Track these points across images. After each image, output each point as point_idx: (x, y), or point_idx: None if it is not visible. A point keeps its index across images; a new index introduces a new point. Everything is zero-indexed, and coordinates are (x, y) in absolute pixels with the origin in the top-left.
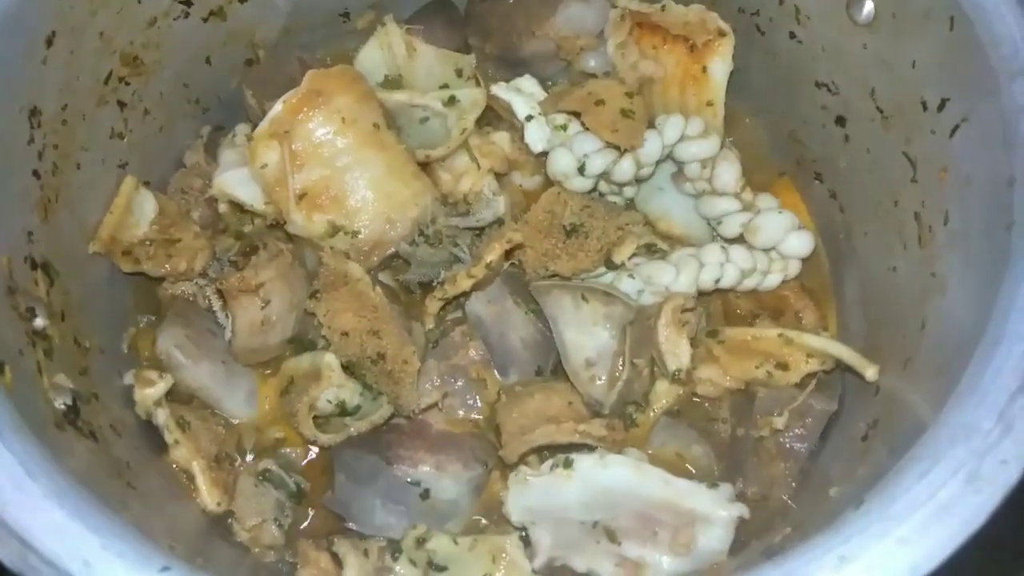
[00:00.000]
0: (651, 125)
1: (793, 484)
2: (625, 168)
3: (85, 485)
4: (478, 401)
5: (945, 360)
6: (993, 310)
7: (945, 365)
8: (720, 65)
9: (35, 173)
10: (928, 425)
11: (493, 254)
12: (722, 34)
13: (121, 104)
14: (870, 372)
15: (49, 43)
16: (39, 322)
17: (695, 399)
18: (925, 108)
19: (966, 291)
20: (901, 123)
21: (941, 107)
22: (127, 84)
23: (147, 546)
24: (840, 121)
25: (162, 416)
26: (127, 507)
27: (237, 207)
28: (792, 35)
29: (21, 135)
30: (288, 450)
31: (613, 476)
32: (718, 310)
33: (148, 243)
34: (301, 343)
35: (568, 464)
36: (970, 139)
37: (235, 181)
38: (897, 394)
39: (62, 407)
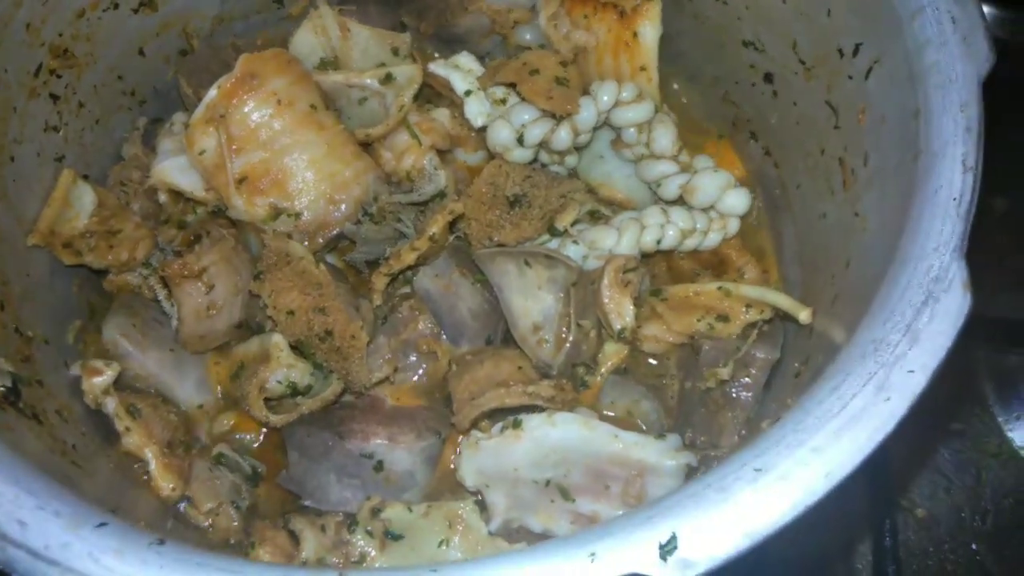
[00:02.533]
0: (587, 93)
1: (742, 431)
2: (563, 136)
3: (23, 455)
4: (428, 374)
5: (864, 291)
6: (902, 236)
7: (863, 295)
8: (650, 29)
9: None
10: (844, 343)
11: (436, 226)
12: None
13: (54, 97)
14: (803, 315)
15: None
16: None
17: (643, 357)
18: (842, 55)
19: (882, 224)
20: (822, 72)
21: (855, 52)
22: (59, 77)
23: (84, 504)
24: (768, 78)
25: (111, 404)
26: (73, 483)
27: (178, 196)
28: None
29: None
30: (242, 435)
31: (562, 433)
32: (663, 271)
33: (89, 235)
34: (249, 327)
35: (517, 424)
36: (882, 79)
37: (174, 169)
38: (826, 331)
39: (1, 388)
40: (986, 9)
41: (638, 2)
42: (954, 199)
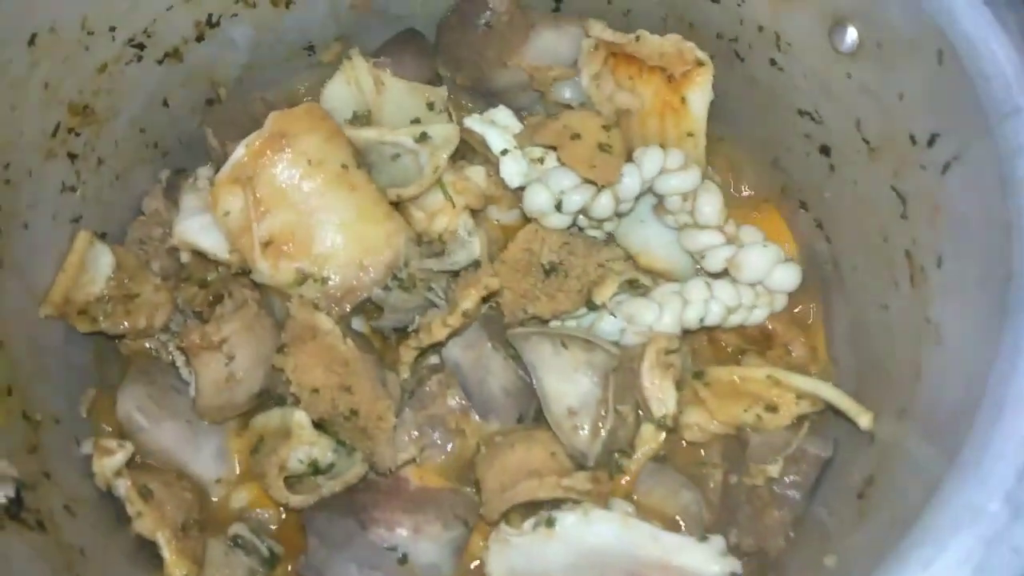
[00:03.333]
0: (630, 157)
1: (790, 534)
2: (604, 204)
3: None
4: (456, 452)
5: (943, 420)
6: (992, 372)
7: (944, 427)
8: (700, 95)
9: None
10: (930, 500)
11: (470, 301)
12: (700, 64)
13: (72, 156)
14: (864, 420)
15: None
16: None
17: (683, 443)
18: (914, 142)
19: (963, 344)
20: (889, 156)
21: (931, 142)
22: (77, 135)
23: None
24: (824, 150)
25: (123, 487)
26: None
27: (200, 255)
28: (773, 62)
29: None
30: (259, 511)
31: (598, 534)
32: (703, 345)
33: (105, 300)
34: (270, 396)
35: (551, 523)
36: (964, 178)
37: (197, 229)
38: (894, 448)
39: (2, 501)
40: None
41: (688, 67)
42: None
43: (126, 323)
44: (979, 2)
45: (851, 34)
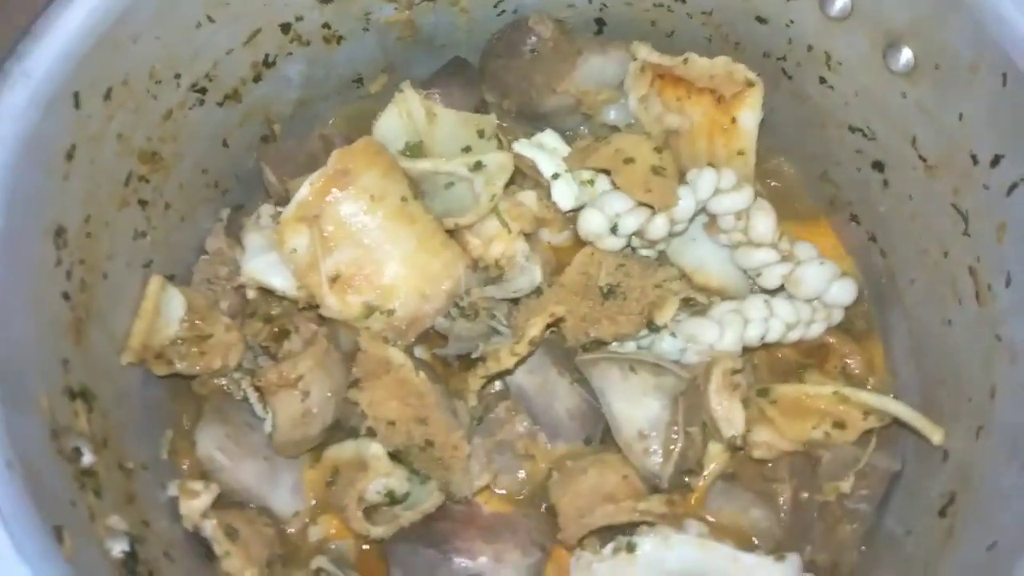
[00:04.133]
0: (680, 176)
1: (862, 548)
2: (659, 226)
3: None
4: (526, 477)
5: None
6: None
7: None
8: (750, 115)
9: (64, 295)
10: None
11: (536, 329)
12: (751, 84)
13: (142, 203)
14: (936, 436)
15: (70, 157)
16: (87, 459)
17: (751, 460)
18: (976, 162)
19: None
20: (948, 174)
21: (995, 163)
22: (147, 182)
23: None
24: (877, 166)
25: (209, 528)
26: None
27: (266, 292)
28: (823, 80)
29: (48, 259)
30: (339, 543)
31: (679, 557)
32: (763, 361)
33: (180, 342)
34: (341, 428)
35: (631, 548)
36: None
37: (265, 267)
38: (974, 468)
39: (120, 555)
40: None
41: (738, 88)
42: None
43: (201, 364)
44: None
45: (906, 54)
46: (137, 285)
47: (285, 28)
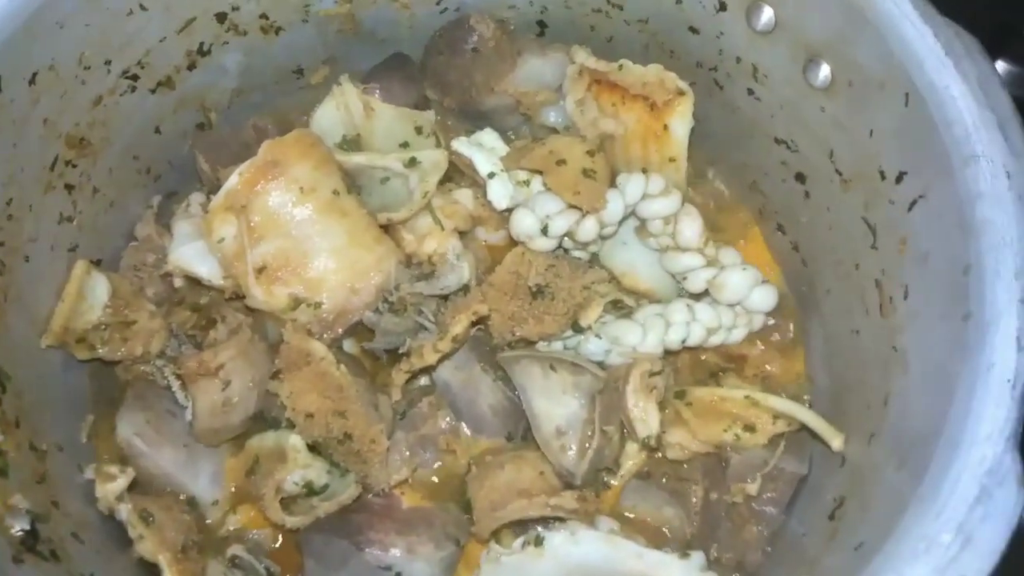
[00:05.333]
0: (614, 179)
1: (767, 548)
2: (588, 228)
3: None
4: (446, 471)
5: (908, 449)
6: (951, 408)
7: (909, 455)
8: (681, 123)
9: None
10: (893, 529)
11: (460, 326)
12: (681, 93)
13: (69, 187)
14: (836, 442)
15: None
16: None
17: (665, 460)
18: (883, 177)
19: (925, 376)
20: (860, 188)
21: (899, 179)
22: (74, 167)
23: None
24: (800, 178)
25: (124, 512)
26: None
27: (194, 280)
28: (750, 92)
29: None
30: (256, 532)
31: (585, 552)
32: (685, 363)
33: (103, 327)
34: (264, 418)
35: (539, 542)
36: (928, 217)
37: (192, 255)
38: (863, 472)
39: (19, 534)
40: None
41: (669, 96)
42: (1008, 380)
43: (123, 349)
44: (942, 53)
45: (824, 70)
46: (62, 269)
47: (221, 17)
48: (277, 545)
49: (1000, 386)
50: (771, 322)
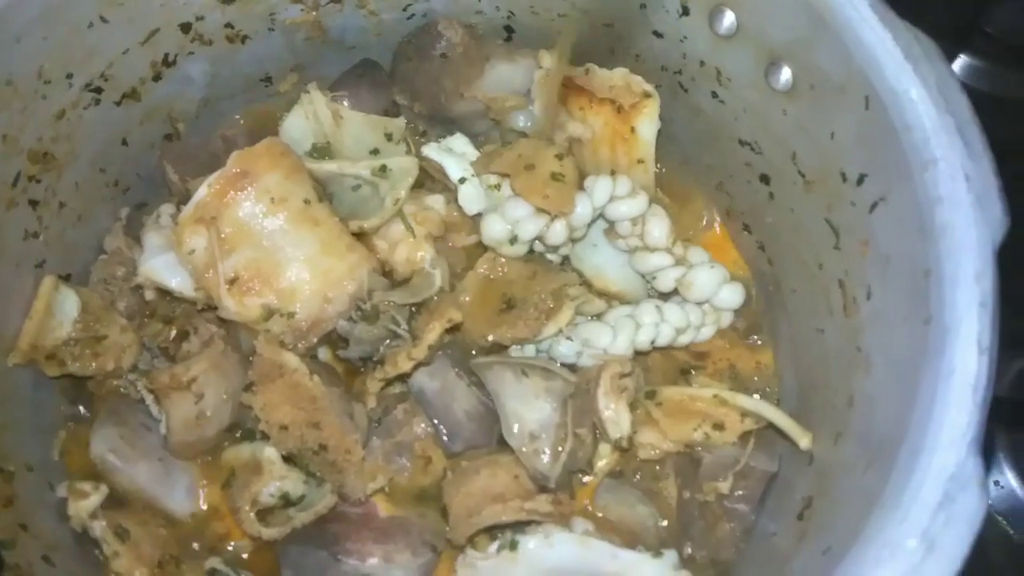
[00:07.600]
0: (582, 187)
1: (741, 546)
2: (558, 232)
3: None
4: (423, 478)
5: (873, 453)
6: (914, 412)
7: (874, 458)
8: (648, 126)
9: None
10: (858, 534)
11: (434, 334)
12: (648, 96)
13: (33, 203)
14: (803, 441)
15: None
16: None
17: (638, 459)
18: (845, 179)
19: (888, 379)
20: (823, 190)
21: (860, 181)
22: (38, 182)
23: None
24: (764, 179)
25: (98, 529)
26: None
27: (165, 293)
28: (714, 95)
29: None
30: (233, 544)
31: (559, 555)
32: (657, 363)
33: (73, 343)
34: (239, 430)
35: (513, 546)
36: (888, 220)
37: (162, 267)
38: (830, 472)
39: None
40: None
41: (636, 99)
42: (970, 385)
43: (94, 365)
44: (901, 57)
45: (785, 73)
46: (28, 285)
47: (185, 28)
48: (249, 557)
49: (962, 391)
50: (742, 326)
